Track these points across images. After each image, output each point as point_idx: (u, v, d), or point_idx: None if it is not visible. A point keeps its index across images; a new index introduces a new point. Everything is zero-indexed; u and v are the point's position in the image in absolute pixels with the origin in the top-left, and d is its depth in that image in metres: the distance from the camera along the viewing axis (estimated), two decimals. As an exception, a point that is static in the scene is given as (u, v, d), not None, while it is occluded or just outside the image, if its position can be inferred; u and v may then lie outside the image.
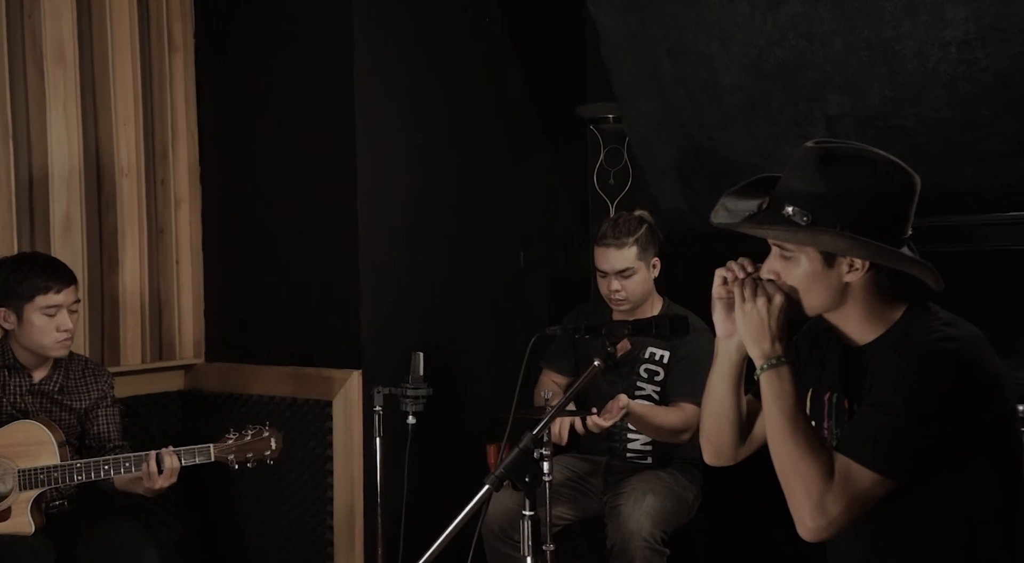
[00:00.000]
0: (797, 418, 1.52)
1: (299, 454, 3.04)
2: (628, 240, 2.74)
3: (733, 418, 1.71)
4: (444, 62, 3.25)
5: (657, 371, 2.79)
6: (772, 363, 1.54)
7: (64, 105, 2.96)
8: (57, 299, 2.43)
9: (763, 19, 2.66)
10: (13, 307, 2.42)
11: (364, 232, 3.00)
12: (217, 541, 3.30)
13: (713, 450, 1.76)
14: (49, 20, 2.93)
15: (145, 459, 2.35)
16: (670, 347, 2.77)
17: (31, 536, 2.36)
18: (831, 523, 1.46)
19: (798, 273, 1.56)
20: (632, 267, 2.75)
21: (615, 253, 2.74)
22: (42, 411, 2.50)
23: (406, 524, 2.70)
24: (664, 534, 2.56)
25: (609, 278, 2.77)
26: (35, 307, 2.41)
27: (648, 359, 2.81)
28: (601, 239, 2.76)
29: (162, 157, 3.26)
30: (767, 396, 1.54)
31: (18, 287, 2.40)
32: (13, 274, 2.42)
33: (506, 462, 1.59)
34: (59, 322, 2.43)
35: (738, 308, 1.57)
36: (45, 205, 2.94)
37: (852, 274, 1.54)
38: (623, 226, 2.76)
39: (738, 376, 1.69)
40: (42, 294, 2.41)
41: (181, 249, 3.31)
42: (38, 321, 2.42)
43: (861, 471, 1.45)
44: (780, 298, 1.55)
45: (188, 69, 3.31)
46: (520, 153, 3.53)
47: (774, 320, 1.55)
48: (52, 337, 2.43)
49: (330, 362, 3.03)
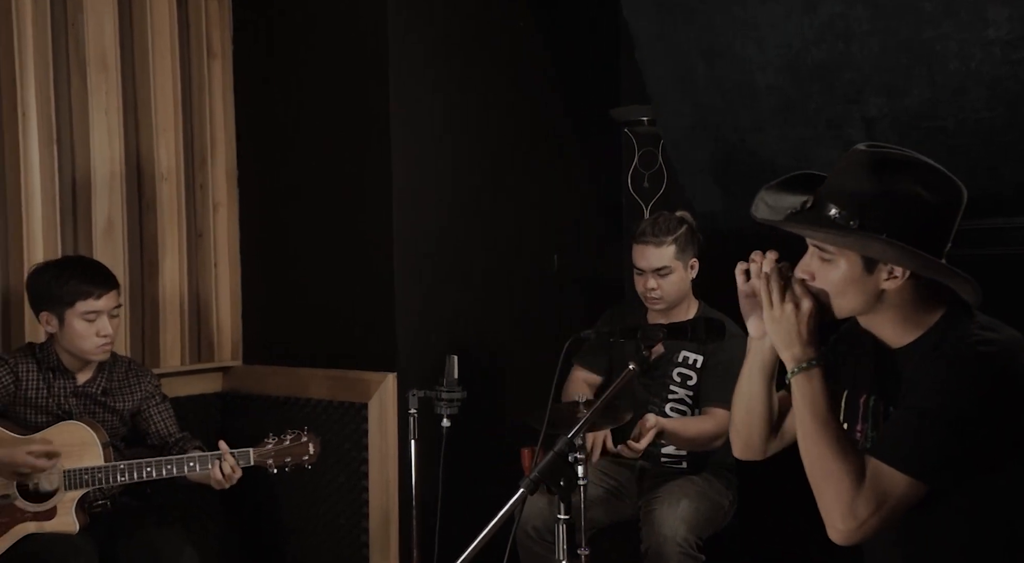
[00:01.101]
0: (828, 421, 1.51)
1: (335, 456, 3.06)
2: (667, 239, 2.73)
3: (764, 414, 1.70)
4: (478, 66, 3.27)
5: (690, 375, 2.78)
6: (803, 367, 1.53)
7: (106, 111, 3.02)
8: (97, 305, 2.45)
9: (799, 20, 2.64)
10: (55, 311, 2.45)
11: (399, 236, 3.02)
12: (254, 542, 3.34)
13: (742, 444, 1.76)
14: (92, 28, 2.99)
15: (197, 464, 2.41)
16: (704, 351, 2.76)
17: (75, 535, 2.41)
18: (861, 526, 1.44)
19: (834, 276, 1.54)
20: (669, 266, 2.74)
21: (653, 251, 2.73)
22: (86, 413, 2.54)
23: (441, 526, 2.72)
24: (699, 539, 2.55)
25: (646, 276, 2.76)
26: (76, 312, 2.43)
27: (681, 363, 2.79)
28: (640, 236, 2.76)
29: (201, 162, 3.31)
30: (798, 400, 1.53)
31: (59, 292, 2.43)
32: (55, 279, 2.44)
33: (541, 466, 1.60)
34: (99, 327, 2.45)
35: (766, 313, 1.56)
36: (88, 209, 3.00)
37: (890, 282, 1.52)
38: (663, 224, 2.76)
39: (770, 375, 1.68)
40: (82, 300, 2.43)
41: (219, 252, 3.36)
42: (78, 326, 2.44)
43: (894, 474, 1.44)
44: (808, 304, 1.54)
45: (227, 75, 3.36)
46: (554, 156, 3.53)
47: (803, 325, 1.54)
48: (92, 342, 2.46)
49: (365, 365, 3.05)
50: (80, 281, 2.44)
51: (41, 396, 2.49)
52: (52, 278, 2.45)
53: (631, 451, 2.57)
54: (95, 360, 2.54)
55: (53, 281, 2.44)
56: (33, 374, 2.49)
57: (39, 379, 2.49)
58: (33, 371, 2.49)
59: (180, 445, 2.61)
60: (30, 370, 2.49)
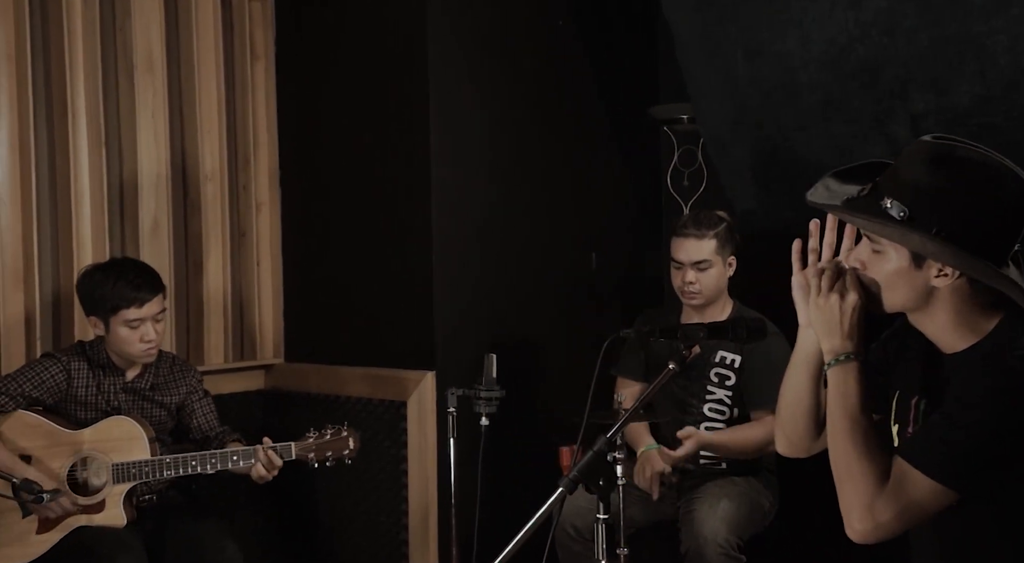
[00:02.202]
0: (859, 418, 1.48)
1: (374, 454, 3.08)
2: (708, 233, 2.74)
3: (809, 409, 1.66)
4: (517, 65, 3.27)
5: (728, 375, 2.75)
6: (840, 359, 1.51)
7: (152, 113, 3.08)
8: (140, 313, 2.47)
9: (843, 16, 2.60)
10: (101, 317, 2.49)
11: (438, 235, 3.03)
12: (296, 537, 3.38)
13: (786, 440, 1.72)
14: (139, 31, 3.04)
15: (240, 458, 2.45)
16: (742, 351, 2.73)
17: (122, 528, 2.46)
18: (879, 527, 1.42)
19: (884, 268, 1.50)
20: (709, 260, 2.73)
21: (694, 243, 2.74)
22: (134, 408, 2.60)
23: (480, 525, 2.72)
24: (740, 540, 2.53)
25: (684, 269, 2.75)
26: (119, 320, 2.47)
27: (719, 363, 2.77)
28: (681, 229, 2.77)
29: (244, 162, 3.35)
30: (832, 392, 1.51)
31: (104, 299, 2.46)
32: (100, 286, 2.48)
33: (580, 465, 1.60)
34: (143, 333, 2.49)
35: (812, 300, 1.54)
36: (134, 209, 3.06)
37: (941, 279, 1.47)
38: (704, 219, 2.78)
39: (816, 366, 1.64)
40: (125, 308, 2.45)
41: (262, 251, 3.40)
42: (123, 332, 2.48)
43: (920, 478, 1.41)
44: (855, 296, 1.51)
45: (269, 76, 3.40)
46: (593, 155, 3.52)
47: (847, 317, 1.51)
48: (137, 347, 2.50)
49: (404, 363, 3.07)
50: (124, 288, 2.46)
51: (91, 393, 2.55)
52: (98, 284, 2.48)
53: (669, 458, 2.57)
54: (141, 363, 2.59)
55: (98, 287, 2.48)
56: (84, 371, 2.54)
57: (89, 376, 2.54)
58: (84, 369, 2.54)
59: (220, 438, 2.65)
60: (81, 367, 2.54)
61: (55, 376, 2.50)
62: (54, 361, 2.53)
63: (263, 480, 2.47)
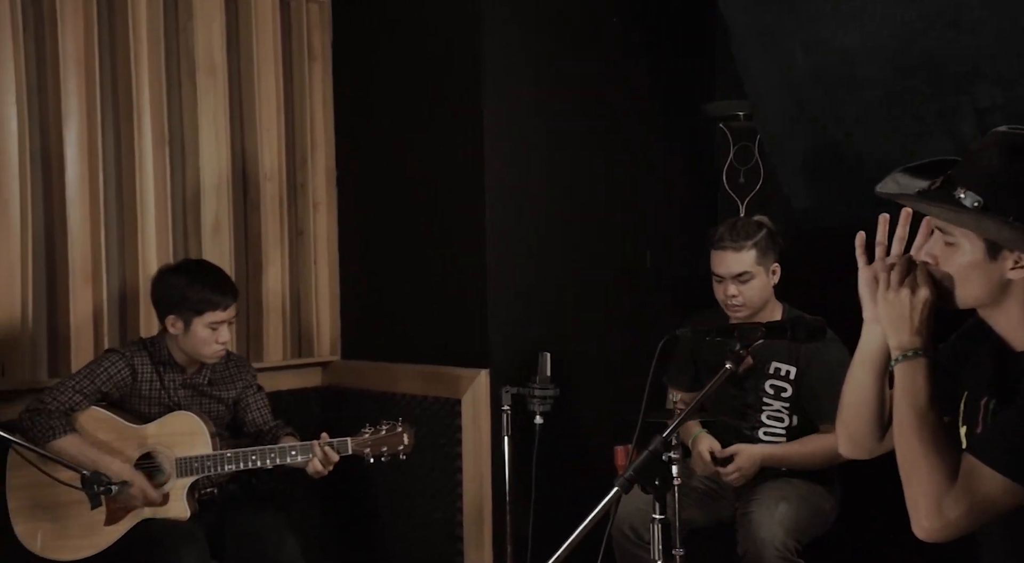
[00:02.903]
0: (926, 415, 1.45)
1: (429, 451, 3.11)
2: (746, 243, 2.66)
3: (874, 407, 1.63)
4: (571, 63, 3.26)
5: (784, 387, 2.69)
6: (908, 355, 1.48)
7: (214, 114, 3.14)
8: (223, 316, 2.57)
9: (906, 9, 2.54)
10: (182, 317, 2.56)
11: (492, 233, 3.04)
12: (353, 532, 3.43)
13: (850, 440, 1.69)
14: (200, 34, 3.11)
15: (299, 453, 2.49)
16: (797, 362, 2.67)
17: (185, 521, 2.52)
18: (947, 525, 1.39)
19: (957, 261, 1.47)
20: (750, 271, 2.66)
21: (732, 256, 2.67)
22: (194, 403, 2.66)
23: (534, 523, 2.73)
24: (798, 544, 2.48)
25: (725, 283, 2.69)
26: (203, 321, 2.54)
27: (773, 374, 2.70)
28: (718, 242, 2.70)
29: (302, 162, 3.40)
30: (898, 389, 1.49)
31: (190, 300, 2.54)
32: (188, 287, 2.55)
33: (635, 464, 1.59)
34: (219, 335, 2.57)
35: (880, 293, 1.51)
36: (197, 209, 3.13)
37: (1017, 271, 1.43)
38: (741, 230, 2.68)
39: (881, 363, 1.60)
40: (211, 310, 2.54)
41: (319, 250, 3.45)
42: (202, 333, 2.55)
43: (990, 475, 1.38)
44: (925, 292, 1.48)
45: (326, 77, 3.45)
46: (648, 152, 3.50)
47: (917, 312, 1.48)
48: (211, 348, 2.58)
49: (459, 361, 3.09)
50: (211, 292, 2.55)
51: (154, 388, 2.62)
52: (184, 285, 2.56)
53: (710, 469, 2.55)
54: (210, 363, 2.66)
55: (186, 288, 2.55)
56: (147, 367, 2.61)
57: (151, 372, 2.62)
58: (147, 364, 2.61)
59: (273, 432, 2.71)
60: (144, 363, 2.61)
61: (121, 371, 2.58)
62: (119, 356, 2.60)
63: (319, 475, 2.51)
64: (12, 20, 2.70)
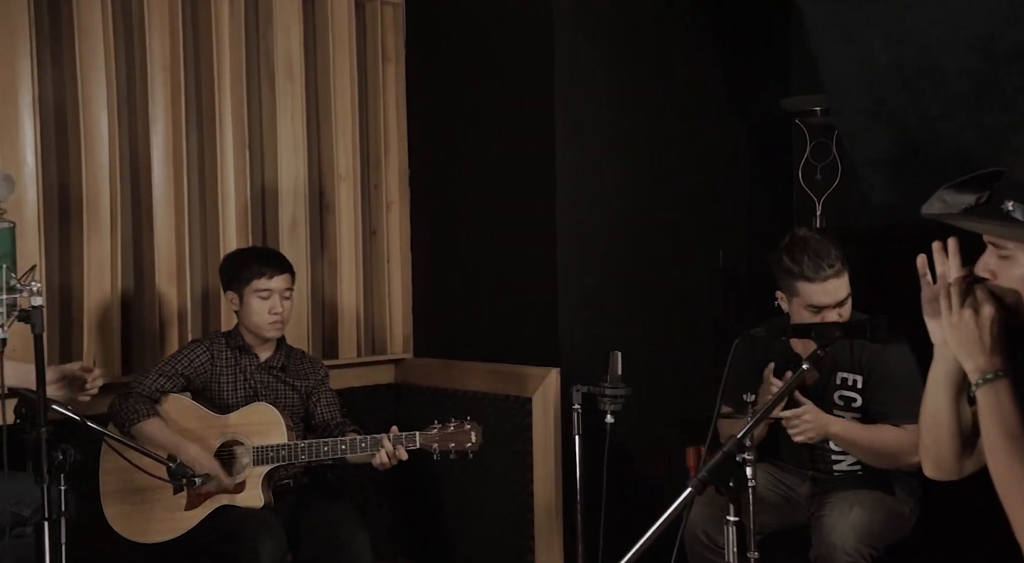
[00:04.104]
0: (1019, 436, 1.40)
1: (500, 449, 3.13)
2: (837, 262, 2.40)
3: (953, 429, 1.59)
4: (643, 60, 3.24)
5: (853, 398, 2.60)
6: (988, 378, 1.43)
7: (292, 117, 3.22)
8: (270, 284, 2.71)
9: (994, -2, 2.46)
10: (237, 291, 2.74)
11: (562, 231, 3.04)
12: (423, 528, 3.47)
13: (933, 463, 1.64)
14: (280, 38, 3.19)
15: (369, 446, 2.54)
16: (861, 370, 2.57)
17: (261, 509, 2.59)
18: None
19: (1015, 273, 1.43)
20: (850, 290, 2.45)
21: (836, 283, 2.40)
22: (270, 388, 2.76)
23: (605, 523, 2.72)
24: (873, 550, 2.41)
25: (825, 312, 2.45)
26: (252, 290, 2.71)
27: (841, 385, 2.60)
28: (818, 272, 2.39)
29: (375, 162, 3.46)
30: (984, 413, 1.44)
31: (240, 273, 2.73)
32: (239, 262, 2.77)
33: (709, 465, 1.57)
34: (271, 305, 2.71)
35: (945, 320, 1.46)
36: (275, 209, 3.21)
37: None
38: (824, 250, 2.41)
39: (957, 385, 1.56)
40: (256, 278, 2.71)
41: (392, 249, 3.50)
42: (254, 303, 2.71)
43: None
44: (990, 309, 1.43)
45: (399, 78, 3.50)
46: (721, 149, 3.45)
47: (985, 332, 1.43)
48: (264, 318, 2.71)
49: (529, 359, 3.10)
50: (255, 263, 2.73)
51: (231, 372, 2.75)
52: (237, 262, 2.78)
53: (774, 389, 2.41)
54: (269, 337, 2.77)
55: (238, 264, 2.76)
56: (224, 353, 2.75)
57: (229, 357, 2.75)
58: (224, 350, 2.76)
59: (340, 429, 2.78)
60: (221, 349, 2.76)
61: (200, 357, 2.72)
62: (198, 344, 2.76)
63: (384, 467, 2.56)
64: (104, 31, 2.81)
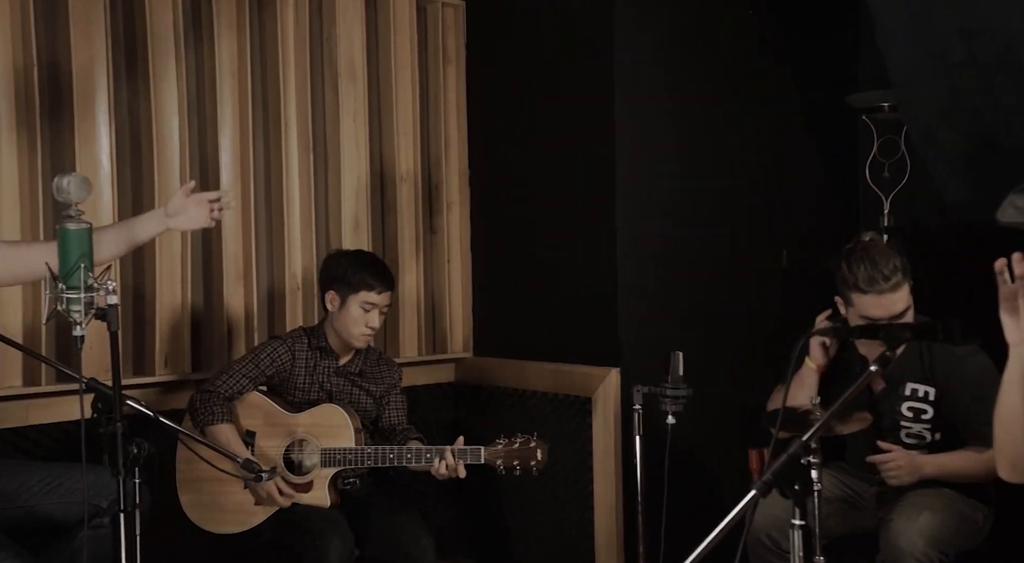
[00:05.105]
0: None
1: (560, 449, 3.12)
2: (899, 276, 2.32)
3: None
4: (706, 58, 3.21)
5: (924, 409, 2.52)
6: None
7: (354, 118, 3.26)
8: (376, 299, 2.71)
9: (1075, -13, 2.36)
10: (341, 293, 2.73)
11: (623, 231, 3.03)
12: (484, 527, 3.48)
13: (1008, 465, 1.61)
14: (343, 40, 3.24)
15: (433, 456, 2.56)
16: (934, 381, 2.49)
17: (326, 509, 2.63)
18: None
19: None
20: (909, 302, 2.37)
21: (893, 296, 2.32)
22: (344, 392, 2.79)
23: (667, 525, 2.70)
24: (943, 556, 2.34)
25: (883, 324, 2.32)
26: (358, 299, 2.70)
27: (910, 396, 2.52)
28: (872, 285, 2.32)
29: (436, 163, 3.49)
30: None
31: (351, 278, 2.71)
32: (352, 266, 2.73)
33: (774, 468, 1.55)
34: (369, 319, 2.71)
35: (1022, 315, 1.43)
36: (338, 210, 3.26)
37: None
38: (883, 260, 2.32)
39: None
40: (366, 290, 2.70)
41: (452, 249, 3.53)
42: (355, 312, 2.71)
43: None
44: None
45: (460, 79, 3.52)
46: (786, 147, 3.40)
47: None
48: (360, 329, 2.72)
49: (589, 359, 3.10)
50: (370, 274, 2.72)
51: (308, 373, 2.77)
52: (349, 264, 2.74)
53: None
54: (357, 347, 2.79)
55: (350, 267, 2.74)
56: (304, 352, 2.77)
57: (308, 357, 2.77)
58: (304, 349, 2.77)
59: (404, 434, 2.80)
60: (302, 348, 2.77)
61: (282, 355, 2.74)
62: (280, 342, 2.77)
63: (441, 477, 2.57)
64: (175, 36, 2.89)
